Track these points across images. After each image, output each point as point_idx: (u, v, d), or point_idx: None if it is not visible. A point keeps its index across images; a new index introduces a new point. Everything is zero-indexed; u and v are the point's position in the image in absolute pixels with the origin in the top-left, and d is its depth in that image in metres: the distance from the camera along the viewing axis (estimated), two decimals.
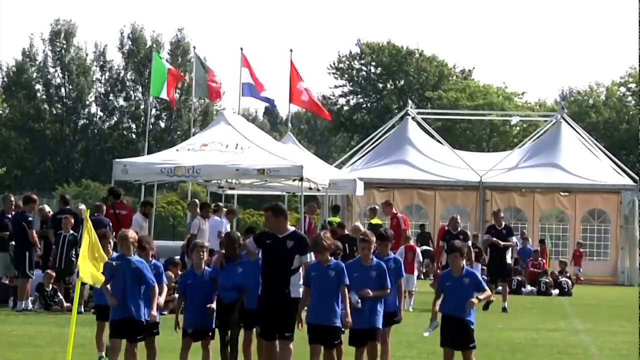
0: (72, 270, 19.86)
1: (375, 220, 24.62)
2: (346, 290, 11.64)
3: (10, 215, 21.45)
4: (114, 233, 16.52)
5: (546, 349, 16.12)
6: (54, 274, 20.96)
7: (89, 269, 11.22)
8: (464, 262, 12.01)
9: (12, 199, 22.15)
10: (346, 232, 21.20)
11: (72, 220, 20.99)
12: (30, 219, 21.04)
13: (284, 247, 11.71)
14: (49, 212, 22.77)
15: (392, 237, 13.05)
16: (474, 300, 11.69)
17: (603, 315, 23.36)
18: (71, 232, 20.93)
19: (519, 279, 30.62)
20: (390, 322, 12.71)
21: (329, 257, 11.71)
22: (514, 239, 24.39)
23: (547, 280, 30.73)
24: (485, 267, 25.82)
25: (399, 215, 25.21)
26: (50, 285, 20.97)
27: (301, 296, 11.77)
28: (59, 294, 20.93)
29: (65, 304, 20.49)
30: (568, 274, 31.81)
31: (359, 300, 11.81)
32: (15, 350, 14.52)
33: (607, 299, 29.23)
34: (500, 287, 23.98)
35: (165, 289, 12.28)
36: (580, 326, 20.60)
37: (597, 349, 16.50)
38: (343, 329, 11.86)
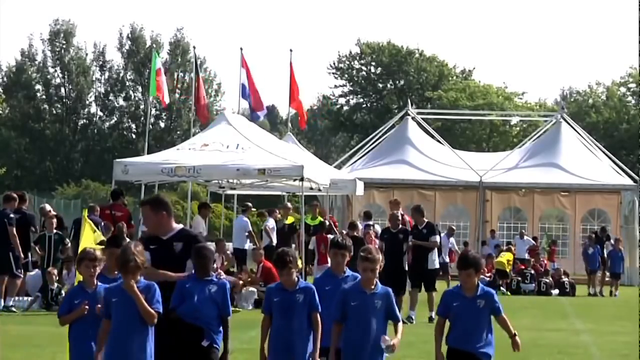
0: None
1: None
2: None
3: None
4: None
5: (547, 349, 16.11)
6: (55, 272, 21.11)
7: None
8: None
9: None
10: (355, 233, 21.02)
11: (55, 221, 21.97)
12: (12, 216, 20.60)
13: (171, 251, 9.23)
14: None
15: (350, 247, 9.69)
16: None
17: (603, 315, 23.36)
18: (55, 231, 21.71)
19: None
20: None
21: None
22: (437, 237, 20.84)
23: (547, 281, 30.74)
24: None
25: (405, 217, 23.16)
26: (55, 284, 21.02)
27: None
28: (63, 292, 20.92)
29: None
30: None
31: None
32: (15, 350, 14.51)
33: (607, 298, 29.24)
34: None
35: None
36: (580, 326, 20.61)
37: (598, 349, 16.49)
38: None
